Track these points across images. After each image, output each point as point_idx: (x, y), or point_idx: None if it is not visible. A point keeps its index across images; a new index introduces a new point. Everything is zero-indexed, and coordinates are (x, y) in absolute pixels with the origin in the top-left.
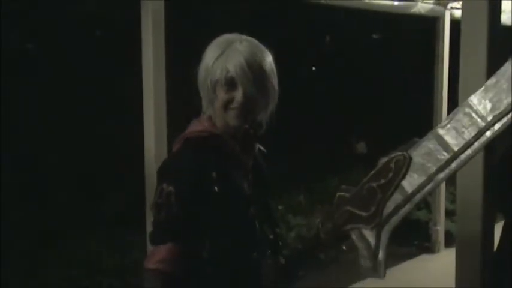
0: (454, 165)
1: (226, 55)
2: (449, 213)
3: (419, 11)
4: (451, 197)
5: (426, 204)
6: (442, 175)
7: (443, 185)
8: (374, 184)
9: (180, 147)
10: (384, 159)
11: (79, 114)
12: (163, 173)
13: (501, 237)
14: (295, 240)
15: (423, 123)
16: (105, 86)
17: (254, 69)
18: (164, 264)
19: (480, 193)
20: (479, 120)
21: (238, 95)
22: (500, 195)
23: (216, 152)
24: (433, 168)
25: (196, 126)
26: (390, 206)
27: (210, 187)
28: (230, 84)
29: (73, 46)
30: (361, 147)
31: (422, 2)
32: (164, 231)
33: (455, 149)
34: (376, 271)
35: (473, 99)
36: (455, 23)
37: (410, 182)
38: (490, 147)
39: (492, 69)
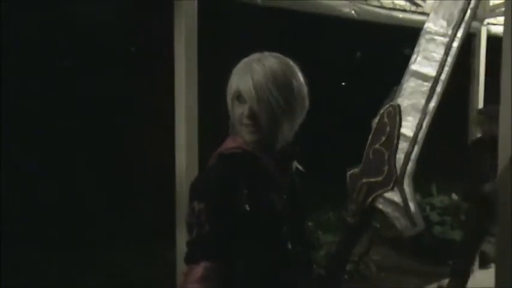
0: (438, 88)
1: (240, 73)
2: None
3: None
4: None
5: (460, 224)
6: (432, 103)
7: None
8: (377, 146)
9: (213, 164)
10: (375, 119)
11: (110, 124)
12: (195, 190)
13: None
14: (325, 258)
15: (459, 140)
16: (137, 96)
17: (263, 86)
18: (199, 284)
19: None
20: (441, 38)
21: (246, 110)
22: None
23: (249, 169)
24: (422, 102)
25: (230, 143)
26: (400, 157)
27: (242, 205)
28: (240, 99)
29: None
30: None
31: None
32: (197, 250)
33: (434, 74)
34: (414, 224)
35: (429, 25)
36: (492, 39)
37: (408, 126)
38: None
39: None
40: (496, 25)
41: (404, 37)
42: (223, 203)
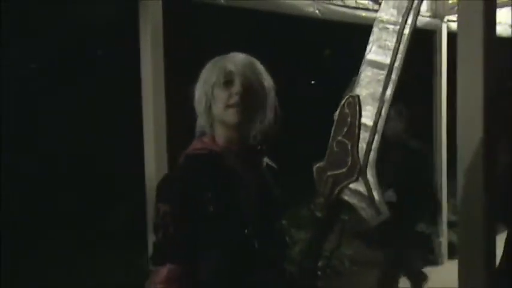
0: (393, 76)
1: (224, 58)
2: (452, 225)
3: None
4: (453, 209)
5: (429, 216)
6: (389, 91)
7: (445, 197)
8: (340, 137)
9: (178, 165)
10: (337, 112)
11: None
12: (160, 191)
13: (505, 248)
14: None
15: (423, 137)
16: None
17: (251, 66)
18: (164, 285)
19: (481, 203)
20: (393, 26)
21: (237, 87)
22: (502, 205)
23: (215, 169)
24: (379, 90)
25: (196, 144)
26: (362, 147)
27: (206, 207)
28: (228, 80)
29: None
30: None
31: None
32: (162, 252)
33: (388, 61)
34: (378, 213)
35: (381, 15)
36: (452, 36)
37: (368, 116)
38: (492, 158)
39: (488, 79)
40: (456, 22)
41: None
42: (187, 205)
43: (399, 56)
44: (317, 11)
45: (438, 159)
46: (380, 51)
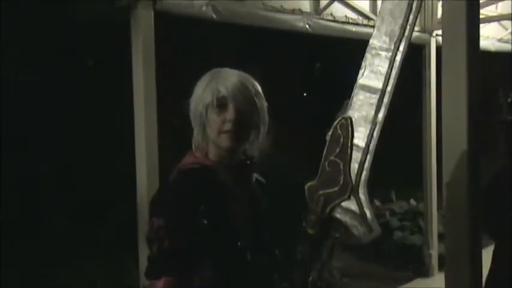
0: (385, 99)
1: (217, 79)
2: (442, 237)
3: None
4: (444, 221)
5: (419, 228)
6: (381, 114)
7: (435, 209)
8: (332, 157)
9: (171, 179)
10: (329, 132)
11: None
12: (154, 205)
13: (493, 261)
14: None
15: (414, 150)
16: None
17: (243, 88)
18: None
19: (466, 215)
20: (385, 53)
21: (230, 114)
22: (489, 218)
23: (208, 184)
24: (372, 113)
25: (189, 158)
26: (354, 167)
27: (200, 220)
28: (221, 104)
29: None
30: None
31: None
32: (157, 265)
33: (380, 86)
34: (370, 230)
35: (373, 42)
36: (441, 50)
37: (360, 137)
38: (477, 171)
39: (473, 92)
40: None
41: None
42: (181, 219)
43: (391, 81)
44: (307, 26)
45: (428, 171)
46: (372, 76)
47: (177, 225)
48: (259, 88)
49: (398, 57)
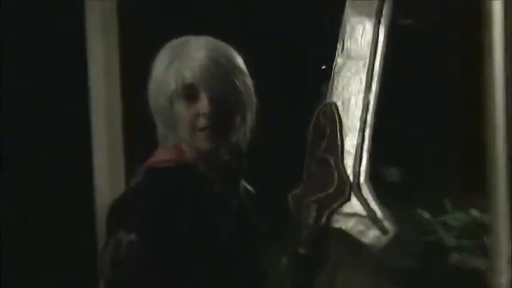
0: (375, 71)
1: (180, 58)
2: None
3: None
4: None
5: (483, 248)
6: (373, 89)
7: (505, 222)
8: (318, 154)
9: (140, 181)
10: (310, 126)
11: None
12: (119, 216)
13: None
14: None
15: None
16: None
17: (216, 66)
18: None
19: None
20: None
21: (203, 105)
22: None
23: (187, 187)
24: (361, 90)
25: (162, 155)
26: (349, 161)
27: (181, 232)
28: (190, 94)
29: None
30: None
31: None
32: None
33: (367, 56)
34: (384, 231)
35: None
36: None
37: (352, 123)
38: None
39: None
40: None
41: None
42: (159, 231)
43: (379, 49)
44: None
45: (494, 171)
46: (354, 47)
47: (155, 240)
48: (239, 60)
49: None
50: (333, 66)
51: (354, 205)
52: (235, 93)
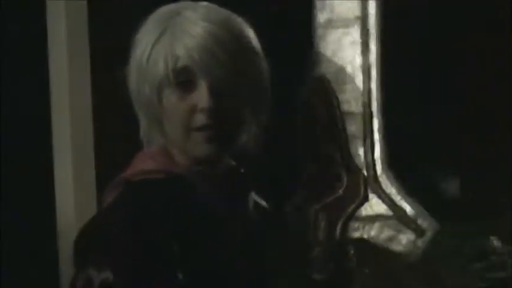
0: (371, 32)
1: (171, 33)
2: None
3: None
4: None
5: None
6: (372, 52)
7: None
8: (314, 146)
9: (115, 199)
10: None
11: None
12: (89, 247)
13: None
14: None
15: None
16: None
17: (220, 45)
18: None
19: None
20: None
21: (202, 96)
22: None
23: (179, 207)
24: (357, 55)
25: (144, 163)
26: (357, 147)
27: (171, 268)
28: (185, 81)
29: None
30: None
31: None
32: None
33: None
34: (421, 232)
35: None
36: None
37: (351, 99)
38: None
39: None
40: None
41: None
42: (141, 267)
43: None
44: None
45: None
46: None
47: (137, 280)
48: (251, 36)
49: None
50: (314, 27)
51: (375, 205)
52: (244, 80)
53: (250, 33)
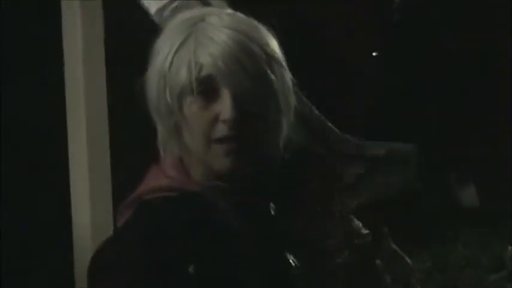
0: None
1: (195, 39)
2: None
3: None
4: None
5: None
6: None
7: None
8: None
9: (129, 219)
10: None
11: None
12: (102, 272)
13: None
14: None
15: None
16: None
17: (245, 53)
18: None
19: None
20: None
21: (225, 106)
22: None
23: (193, 223)
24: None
25: (156, 180)
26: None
27: (185, 287)
28: (207, 90)
29: None
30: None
31: None
32: None
33: None
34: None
35: None
36: None
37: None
38: None
39: None
40: None
41: None
42: None
43: None
44: None
45: None
46: None
47: None
48: (275, 45)
49: None
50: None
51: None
52: (269, 90)
53: (274, 43)
